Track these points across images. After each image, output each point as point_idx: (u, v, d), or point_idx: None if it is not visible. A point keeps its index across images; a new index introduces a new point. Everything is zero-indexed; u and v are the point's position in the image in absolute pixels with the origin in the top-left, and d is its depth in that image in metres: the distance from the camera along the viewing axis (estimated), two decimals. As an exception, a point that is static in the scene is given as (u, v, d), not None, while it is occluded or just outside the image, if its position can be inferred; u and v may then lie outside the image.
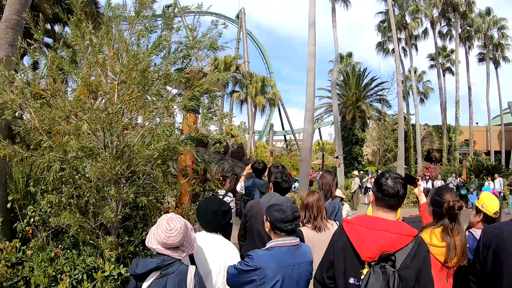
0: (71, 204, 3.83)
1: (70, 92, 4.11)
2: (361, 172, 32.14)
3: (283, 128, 66.61)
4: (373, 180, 22.53)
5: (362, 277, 2.29)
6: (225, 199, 7.66)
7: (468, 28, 39.97)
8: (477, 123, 41.41)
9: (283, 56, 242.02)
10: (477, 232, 3.47)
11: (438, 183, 23.03)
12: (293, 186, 30.50)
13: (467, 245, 3.13)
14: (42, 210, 4.08)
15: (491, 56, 41.80)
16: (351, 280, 2.39)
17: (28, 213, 4.21)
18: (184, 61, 4.30)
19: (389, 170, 2.98)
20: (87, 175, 3.80)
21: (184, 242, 2.51)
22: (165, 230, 2.43)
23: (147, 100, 4.00)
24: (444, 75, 42.00)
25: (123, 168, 3.63)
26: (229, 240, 3.28)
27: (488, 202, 3.60)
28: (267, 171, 6.23)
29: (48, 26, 14.35)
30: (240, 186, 6.63)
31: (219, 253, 2.98)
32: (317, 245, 3.36)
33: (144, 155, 3.57)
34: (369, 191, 23.92)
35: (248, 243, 4.30)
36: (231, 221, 3.39)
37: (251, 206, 4.41)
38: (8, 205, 4.36)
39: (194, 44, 4.27)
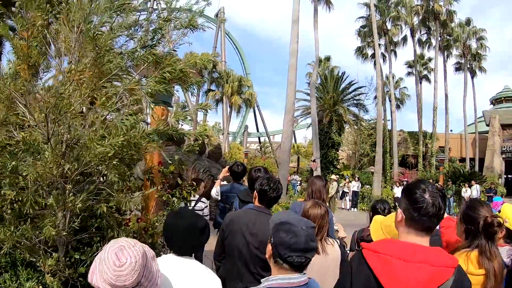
0: (7, 214, 2.98)
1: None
2: (337, 176, 31.88)
3: (257, 130, 65.98)
4: (350, 184, 22.24)
5: None
6: (198, 205, 6.91)
7: (447, 37, 40.43)
8: (451, 130, 41.98)
9: (260, 58, 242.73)
10: (502, 252, 2.81)
11: (416, 189, 22.77)
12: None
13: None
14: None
15: (468, 66, 42.38)
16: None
17: None
18: (155, 36, 3.50)
19: (422, 179, 2.15)
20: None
21: (143, 279, 1.73)
22: (113, 266, 1.66)
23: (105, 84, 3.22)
24: (421, 83, 42.25)
25: (71, 168, 2.75)
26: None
27: (512, 215, 2.93)
28: (247, 175, 5.60)
29: None
30: (215, 191, 5.71)
31: (193, 286, 2.23)
32: (314, 270, 2.65)
33: (96, 153, 2.67)
34: (346, 196, 23.64)
35: (227, 265, 3.55)
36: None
37: (231, 220, 3.63)
38: None
39: (169, 16, 3.52)
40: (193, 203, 6.63)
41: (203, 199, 6.84)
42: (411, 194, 1.87)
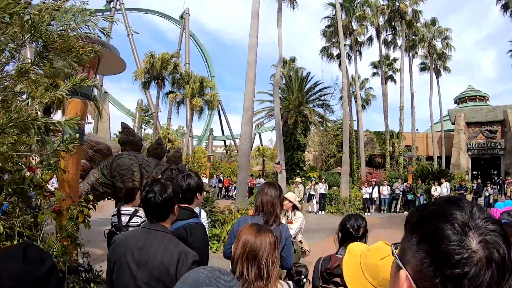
0: None
1: None
2: (303, 178, 30.92)
3: (223, 133, 64.99)
4: (317, 187, 21.19)
5: None
6: (133, 220, 5.44)
7: (413, 37, 40.46)
8: (417, 129, 42.15)
9: (227, 62, 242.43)
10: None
11: (384, 188, 22.05)
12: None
13: None
14: None
15: (433, 66, 42.65)
16: None
17: None
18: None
19: (453, 198, 0.73)
20: None
21: None
22: None
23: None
24: (386, 83, 41.99)
25: None
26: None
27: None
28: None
29: None
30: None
31: None
32: None
33: None
34: (313, 198, 22.54)
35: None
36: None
37: (115, 244, 2.45)
38: None
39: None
40: (126, 218, 5.23)
41: (140, 213, 5.31)
42: (434, 241, 0.81)
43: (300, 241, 7.18)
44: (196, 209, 5.47)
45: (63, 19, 2.42)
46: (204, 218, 5.55)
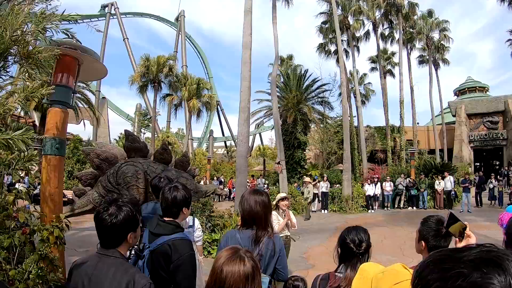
0: None
1: None
2: (304, 177, 30.62)
3: (223, 134, 64.85)
4: (319, 185, 20.88)
5: None
6: None
7: (411, 30, 40.26)
8: (418, 123, 41.98)
9: (225, 63, 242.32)
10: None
11: (387, 184, 21.74)
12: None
13: None
14: None
15: (432, 58, 42.48)
16: None
17: None
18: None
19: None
20: None
21: None
22: None
23: None
24: (385, 77, 41.69)
25: None
26: None
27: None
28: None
29: None
30: None
31: None
32: None
33: None
34: (316, 197, 22.20)
35: None
36: None
37: (70, 272, 2.20)
38: None
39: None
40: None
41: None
42: None
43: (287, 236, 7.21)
44: (189, 217, 5.21)
45: (14, 23, 2.15)
46: (198, 228, 5.27)
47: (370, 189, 21.25)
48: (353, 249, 2.54)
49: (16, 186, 12.34)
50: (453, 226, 2.22)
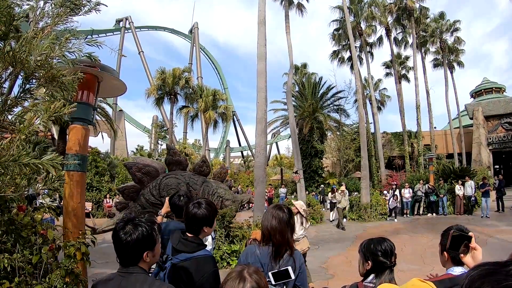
0: None
1: None
2: (322, 186, 30.42)
3: (239, 144, 65.08)
4: (337, 194, 20.70)
5: None
6: None
7: (423, 33, 40.04)
8: (435, 127, 41.41)
9: (240, 73, 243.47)
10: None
11: (406, 191, 21.50)
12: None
13: None
14: None
15: (447, 61, 42.09)
16: None
17: None
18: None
19: None
20: None
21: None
22: None
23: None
24: (400, 82, 41.38)
25: None
26: None
27: None
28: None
29: None
30: None
31: None
32: None
33: None
34: (336, 206, 21.98)
35: None
36: None
37: None
38: None
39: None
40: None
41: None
42: None
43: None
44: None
45: (40, 48, 2.24)
46: (208, 241, 5.24)
47: (392, 203, 20.74)
48: (386, 264, 2.53)
49: (40, 200, 12.54)
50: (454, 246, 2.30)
